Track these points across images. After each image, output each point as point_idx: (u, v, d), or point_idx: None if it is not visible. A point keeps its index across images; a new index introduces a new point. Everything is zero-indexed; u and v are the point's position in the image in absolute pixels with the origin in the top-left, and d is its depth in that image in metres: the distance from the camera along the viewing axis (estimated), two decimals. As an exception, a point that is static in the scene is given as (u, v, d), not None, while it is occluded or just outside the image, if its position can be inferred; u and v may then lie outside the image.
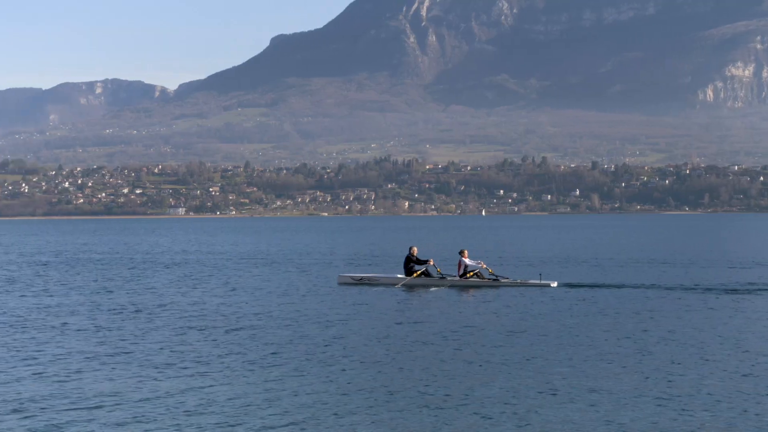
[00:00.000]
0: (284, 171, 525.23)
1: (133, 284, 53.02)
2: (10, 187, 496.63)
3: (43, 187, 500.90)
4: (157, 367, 25.05)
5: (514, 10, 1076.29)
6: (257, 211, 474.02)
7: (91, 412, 20.18)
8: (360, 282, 49.30)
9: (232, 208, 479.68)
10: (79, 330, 32.56)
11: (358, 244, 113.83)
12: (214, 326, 33.44)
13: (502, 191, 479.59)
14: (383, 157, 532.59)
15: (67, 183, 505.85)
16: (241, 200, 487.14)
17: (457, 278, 47.59)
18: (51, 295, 46.46)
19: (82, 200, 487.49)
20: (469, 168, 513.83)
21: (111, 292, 48.11)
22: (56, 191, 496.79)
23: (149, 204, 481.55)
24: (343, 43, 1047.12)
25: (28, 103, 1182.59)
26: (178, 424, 19.11)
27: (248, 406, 20.63)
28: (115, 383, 23.03)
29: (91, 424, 19.24)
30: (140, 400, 21.10)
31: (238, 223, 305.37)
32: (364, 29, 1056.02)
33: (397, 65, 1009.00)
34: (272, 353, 27.16)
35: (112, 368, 24.98)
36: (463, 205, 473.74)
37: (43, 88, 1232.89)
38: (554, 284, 47.02)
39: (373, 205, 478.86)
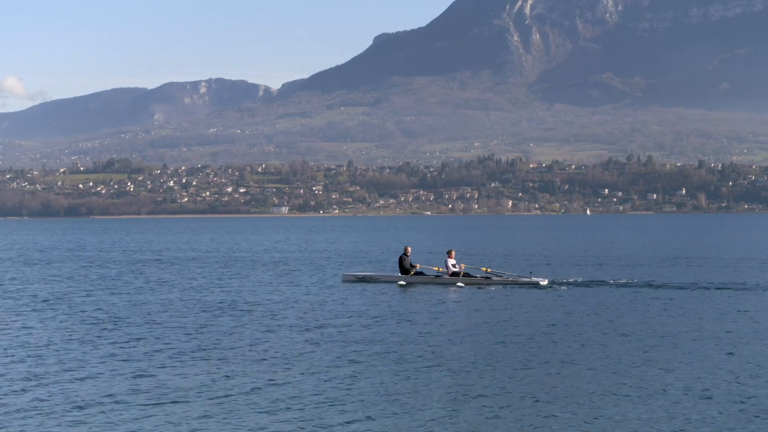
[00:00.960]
0: (387, 170, 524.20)
1: (233, 282, 52.82)
2: (116, 186, 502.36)
3: (149, 186, 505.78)
4: (249, 363, 25.85)
5: (619, 8, 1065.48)
6: (360, 210, 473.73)
7: (177, 406, 20.85)
8: (362, 280, 51.26)
9: (335, 206, 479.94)
10: (167, 328, 33.11)
11: (459, 242, 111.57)
12: (305, 325, 33.94)
13: (606, 190, 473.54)
14: (486, 156, 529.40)
15: (171, 182, 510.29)
16: (344, 199, 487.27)
17: (447, 276, 49.23)
18: (146, 293, 47.20)
19: (186, 199, 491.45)
20: (573, 167, 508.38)
21: (206, 289, 48.78)
22: (161, 190, 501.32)
23: (253, 203, 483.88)
24: (447, 41, 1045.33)
25: (134, 102, 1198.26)
26: (271, 419, 19.70)
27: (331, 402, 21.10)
28: (200, 378, 23.70)
29: (171, 417, 19.92)
30: (223, 396, 21.74)
31: (341, 222, 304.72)
32: (468, 27, 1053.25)
33: (501, 64, 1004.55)
34: (376, 353, 27.23)
35: (195, 364, 25.72)
36: (567, 204, 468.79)
37: (149, 88, 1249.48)
38: (544, 282, 48.29)
39: (477, 204, 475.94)
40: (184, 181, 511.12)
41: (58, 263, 74.28)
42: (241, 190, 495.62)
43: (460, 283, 48.01)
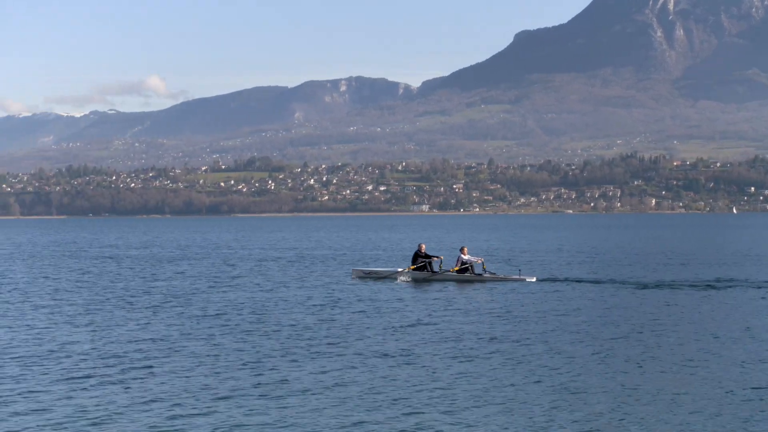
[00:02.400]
0: (528, 168, 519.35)
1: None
2: (257, 185, 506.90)
3: (289, 185, 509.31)
4: (379, 358, 26.48)
5: (765, 2, 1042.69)
6: (501, 209, 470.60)
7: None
8: (368, 275, 53.35)
9: (475, 205, 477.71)
10: (291, 325, 33.45)
11: (600, 240, 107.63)
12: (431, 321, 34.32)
13: (753, 188, 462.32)
14: (629, 154, 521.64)
15: (312, 180, 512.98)
16: (485, 197, 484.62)
17: (450, 272, 51.23)
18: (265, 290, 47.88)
19: (326, 197, 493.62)
20: (718, 165, 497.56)
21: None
22: (301, 188, 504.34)
23: (393, 201, 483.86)
24: (588, 38, 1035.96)
25: (274, 101, 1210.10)
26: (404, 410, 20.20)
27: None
28: (330, 374, 24.11)
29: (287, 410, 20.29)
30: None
31: (481, 220, 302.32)
32: (609, 24, 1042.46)
33: (644, 60, 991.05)
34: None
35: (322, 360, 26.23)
36: (712, 202, 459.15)
37: (289, 87, 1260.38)
38: (533, 279, 50.36)
39: (619, 202, 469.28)
40: (324, 179, 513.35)
41: (195, 260, 73.09)
42: (381, 189, 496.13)
43: (403, 278, 51.26)
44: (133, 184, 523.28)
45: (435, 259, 52.16)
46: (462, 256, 51.03)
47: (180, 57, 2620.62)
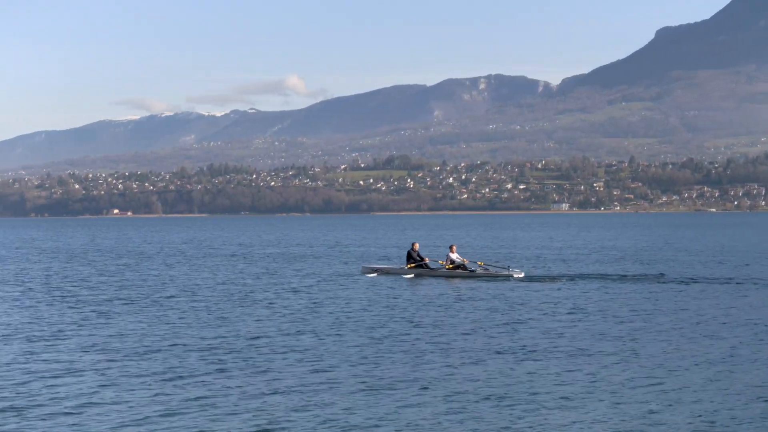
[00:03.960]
0: (670, 166, 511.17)
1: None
2: (396, 183, 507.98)
3: (428, 183, 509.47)
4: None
5: None
6: (642, 207, 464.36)
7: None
8: (377, 272, 55.12)
9: (616, 203, 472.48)
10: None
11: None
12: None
13: None
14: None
15: (451, 178, 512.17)
16: (626, 196, 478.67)
17: (444, 269, 53.27)
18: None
19: (465, 195, 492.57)
20: None
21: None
22: (440, 186, 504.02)
23: (533, 199, 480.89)
24: (731, 33, 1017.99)
25: (413, 99, 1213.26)
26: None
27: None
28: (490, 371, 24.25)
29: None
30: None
31: (622, 219, 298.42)
32: (754, 19, 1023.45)
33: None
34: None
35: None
36: None
37: (428, 85, 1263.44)
38: (521, 275, 51.73)
39: (764, 201, 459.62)
40: (463, 177, 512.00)
41: (324, 258, 72.49)
42: (521, 187, 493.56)
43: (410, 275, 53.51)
44: (273, 183, 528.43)
45: (427, 260, 54.55)
46: (450, 254, 53.63)
47: (319, 56, 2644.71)
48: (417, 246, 55.38)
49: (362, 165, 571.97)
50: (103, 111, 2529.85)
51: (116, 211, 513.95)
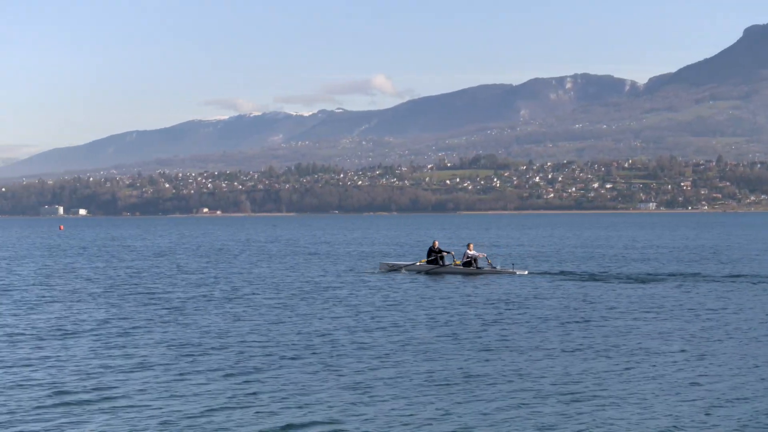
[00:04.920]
0: (758, 165, 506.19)
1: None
2: (482, 182, 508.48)
3: (514, 182, 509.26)
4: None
5: None
6: (730, 207, 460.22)
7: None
8: (393, 268, 57.64)
9: (703, 203, 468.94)
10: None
11: None
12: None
13: None
14: None
15: (537, 178, 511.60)
16: (713, 195, 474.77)
17: (454, 266, 55.77)
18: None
19: (552, 195, 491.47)
20: None
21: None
22: (527, 186, 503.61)
23: (619, 199, 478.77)
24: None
25: (499, 99, 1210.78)
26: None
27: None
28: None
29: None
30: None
31: (708, 218, 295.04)
32: None
33: None
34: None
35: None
36: None
37: (514, 84, 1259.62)
38: (525, 272, 54.62)
39: None
40: (549, 177, 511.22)
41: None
42: (608, 186, 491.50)
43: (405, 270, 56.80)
44: (360, 182, 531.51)
45: (446, 254, 56.96)
46: (468, 251, 56.07)
47: (406, 56, 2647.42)
48: (437, 243, 57.92)
49: (449, 164, 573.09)
50: (192, 111, 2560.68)
51: (205, 210, 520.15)
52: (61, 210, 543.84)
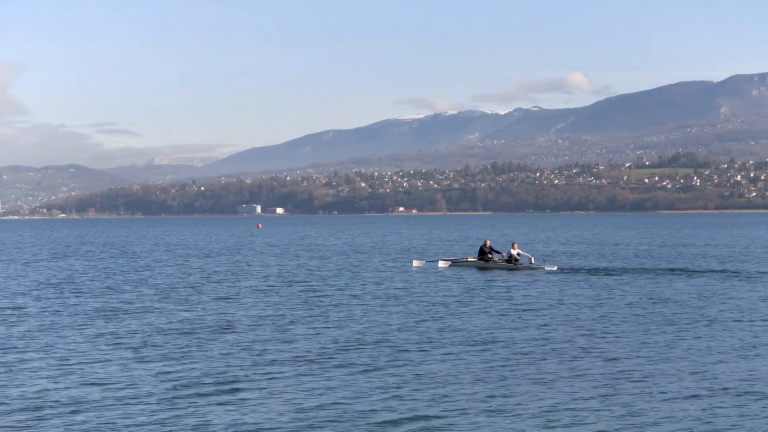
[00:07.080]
0: None
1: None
2: (681, 181, 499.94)
3: (715, 181, 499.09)
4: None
5: None
6: None
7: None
8: (455, 263, 62.56)
9: None
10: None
11: None
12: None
13: None
14: None
15: (739, 176, 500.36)
16: None
17: (494, 262, 60.55)
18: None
19: (754, 194, 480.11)
20: None
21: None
22: (728, 185, 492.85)
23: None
24: None
25: (699, 96, 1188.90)
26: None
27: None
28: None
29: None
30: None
31: None
32: None
33: None
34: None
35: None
36: None
37: (714, 81, 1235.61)
38: (554, 268, 58.89)
39: None
40: (752, 175, 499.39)
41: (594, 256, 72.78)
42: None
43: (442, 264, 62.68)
44: (556, 181, 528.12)
45: (496, 253, 61.42)
46: (512, 250, 60.67)
47: (604, 53, 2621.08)
48: (489, 243, 62.51)
49: (647, 163, 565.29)
50: (387, 110, 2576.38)
51: (401, 208, 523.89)
52: (258, 209, 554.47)
